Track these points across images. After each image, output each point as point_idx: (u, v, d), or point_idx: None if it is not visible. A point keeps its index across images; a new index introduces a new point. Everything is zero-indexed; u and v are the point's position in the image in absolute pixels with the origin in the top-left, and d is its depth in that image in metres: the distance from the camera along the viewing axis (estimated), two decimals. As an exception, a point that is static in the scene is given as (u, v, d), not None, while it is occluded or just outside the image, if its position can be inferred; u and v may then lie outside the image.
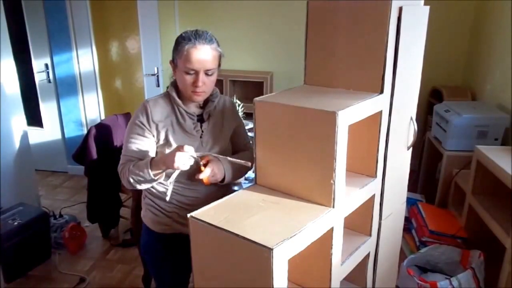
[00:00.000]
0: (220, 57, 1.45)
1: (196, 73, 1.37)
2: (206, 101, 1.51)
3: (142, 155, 1.43)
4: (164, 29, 3.54)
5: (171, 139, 1.44)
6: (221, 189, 1.53)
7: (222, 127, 1.54)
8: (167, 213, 1.51)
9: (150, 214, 1.55)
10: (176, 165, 1.27)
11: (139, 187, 1.41)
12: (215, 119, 1.52)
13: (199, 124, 1.48)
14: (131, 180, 1.38)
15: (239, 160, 1.33)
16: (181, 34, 1.41)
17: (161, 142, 1.45)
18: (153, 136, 1.44)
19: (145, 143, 1.43)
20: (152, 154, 1.45)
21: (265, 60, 3.75)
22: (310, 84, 1.39)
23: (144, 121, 1.42)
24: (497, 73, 2.81)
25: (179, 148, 1.28)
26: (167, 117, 1.44)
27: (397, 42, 1.23)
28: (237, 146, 1.62)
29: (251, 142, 1.62)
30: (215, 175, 1.42)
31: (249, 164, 1.32)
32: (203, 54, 1.36)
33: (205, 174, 1.38)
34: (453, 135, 2.56)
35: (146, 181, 1.37)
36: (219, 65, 1.47)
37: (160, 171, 1.35)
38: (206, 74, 1.39)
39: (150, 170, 1.33)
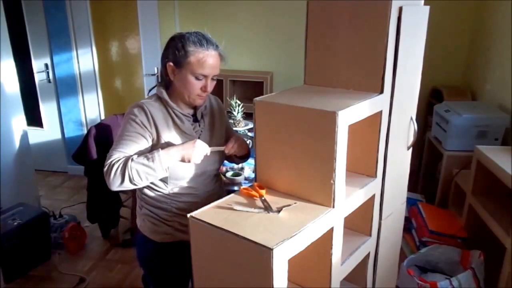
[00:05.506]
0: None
1: (206, 78, 1.40)
2: None
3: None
4: (164, 29, 3.53)
5: (171, 141, 1.41)
6: (219, 191, 1.57)
7: (214, 126, 1.56)
8: (167, 222, 1.48)
9: (148, 224, 1.51)
10: (194, 158, 1.34)
11: (138, 183, 1.31)
12: (208, 118, 1.54)
13: (197, 124, 1.50)
14: (132, 174, 1.28)
15: None
16: (184, 36, 1.40)
17: (161, 144, 1.40)
18: (152, 138, 1.40)
19: (144, 144, 1.39)
20: None
21: (265, 60, 3.75)
22: (310, 84, 1.39)
23: (145, 121, 1.38)
24: (497, 73, 2.81)
25: (196, 141, 1.36)
26: (163, 119, 1.42)
27: (397, 42, 1.23)
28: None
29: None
30: (240, 146, 1.54)
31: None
32: (214, 60, 1.40)
33: (229, 146, 1.48)
34: (453, 135, 2.56)
35: (153, 174, 1.31)
36: None
37: (171, 163, 1.35)
38: (211, 79, 1.43)
39: (162, 161, 1.31)
